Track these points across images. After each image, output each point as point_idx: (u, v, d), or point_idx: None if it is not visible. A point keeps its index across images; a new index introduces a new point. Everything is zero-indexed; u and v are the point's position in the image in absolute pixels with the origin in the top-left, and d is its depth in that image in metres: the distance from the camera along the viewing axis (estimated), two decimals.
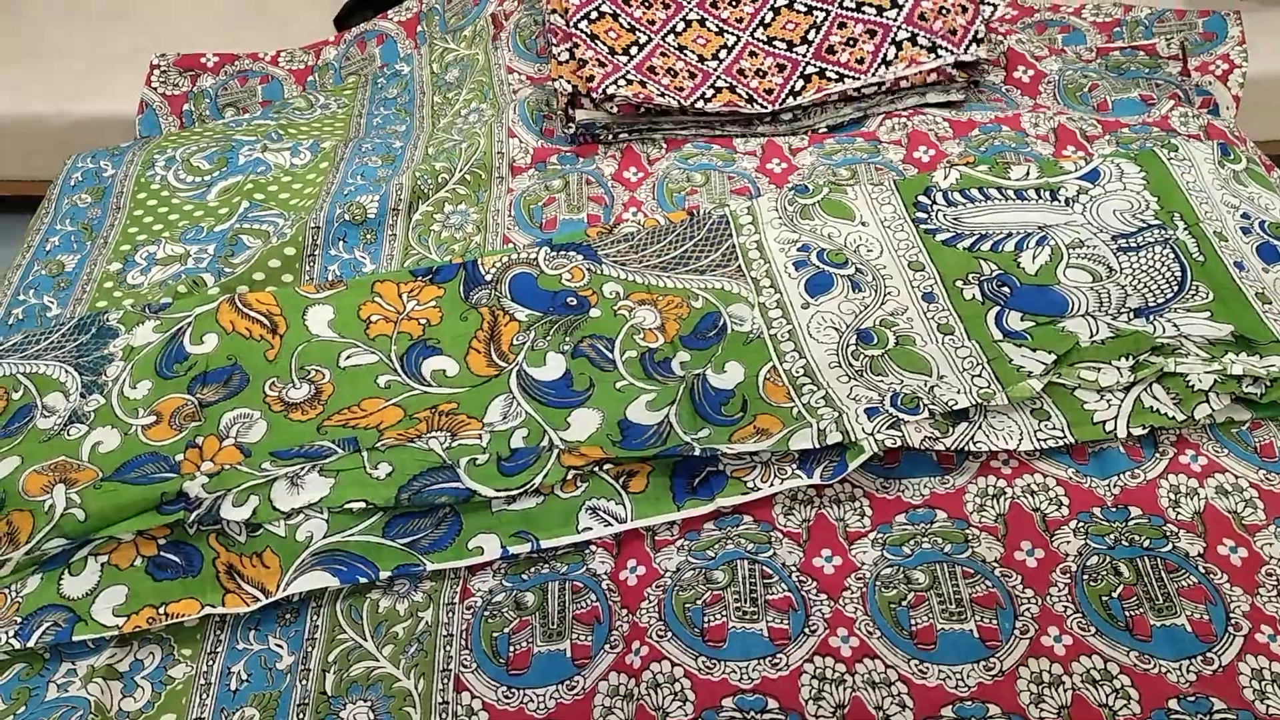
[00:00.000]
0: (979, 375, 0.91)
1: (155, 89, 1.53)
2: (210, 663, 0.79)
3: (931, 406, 0.86)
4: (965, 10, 1.24)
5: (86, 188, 1.30)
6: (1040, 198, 1.09)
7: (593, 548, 0.84)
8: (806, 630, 0.78)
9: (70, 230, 1.23)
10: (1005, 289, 0.99)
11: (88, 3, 2.09)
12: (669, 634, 0.78)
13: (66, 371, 0.97)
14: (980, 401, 0.88)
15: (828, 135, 1.26)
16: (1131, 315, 0.95)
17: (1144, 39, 1.41)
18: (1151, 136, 1.18)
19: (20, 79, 1.91)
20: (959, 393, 0.89)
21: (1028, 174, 1.12)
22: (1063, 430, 0.87)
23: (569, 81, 1.26)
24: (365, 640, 0.80)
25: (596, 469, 0.87)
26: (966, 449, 0.86)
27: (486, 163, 1.23)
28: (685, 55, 1.26)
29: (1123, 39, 1.43)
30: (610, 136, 1.26)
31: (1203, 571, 0.80)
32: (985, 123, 1.25)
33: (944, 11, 1.22)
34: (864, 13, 1.28)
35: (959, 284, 1.00)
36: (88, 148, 1.41)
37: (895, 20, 1.27)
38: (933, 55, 1.23)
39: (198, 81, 1.54)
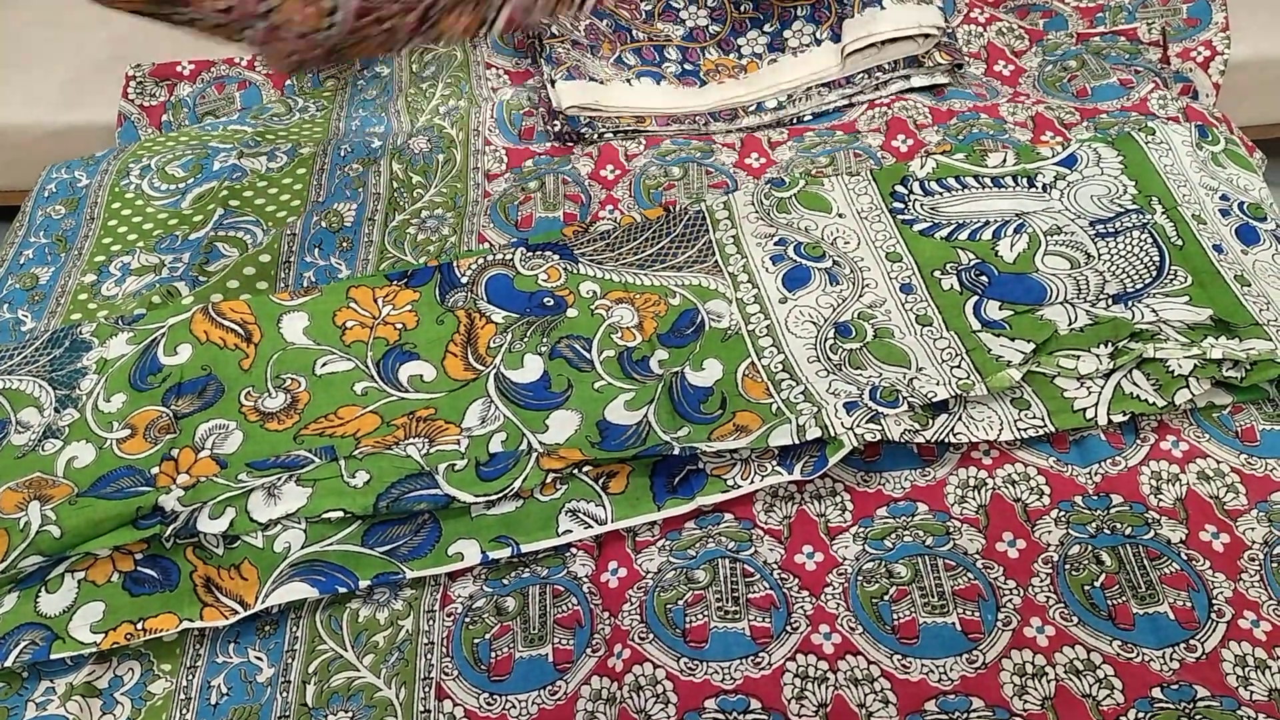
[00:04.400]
0: (958, 366, 0.91)
1: (132, 100, 1.51)
2: (190, 677, 0.79)
3: (911, 399, 0.86)
4: None
5: (61, 199, 1.29)
6: (1018, 185, 1.09)
7: (573, 550, 0.84)
8: (788, 628, 0.77)
9: (44, 242, 1.22)
10: (983, 278, 0.98)
11: (66, 12, 2.08)
12: (651, 636, 0.77)
13: (40, 386, 0.97)
14: (959, 393, 0.87)
15: (808, 128, 1.25)
16: (1110, 301, 0.95)
17: (1127, 23, 1.40)
18: (1130, 121, 1.17)
19: None
20: (938, 384, 0.88)
21: (1004, 161, 1.11)
22: (1043, 419, 0.87)
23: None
24: (345, 650, 0.79)
25: (576, 471, 0.87)
26: (947, 440, 0.86)
27: (463, 179, 1.23)
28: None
29: (1105, 23, 1.42)
30: (595, 135, 1.25)
31: (1185, 558, 0.79)
32: (964, 110, 1.24)
33: None
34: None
35: (937, 274, 1.00)
36: (68, 157, 1.40)
37: None
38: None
39: (175, 90, 1.53)
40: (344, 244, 1.15)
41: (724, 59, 1.32)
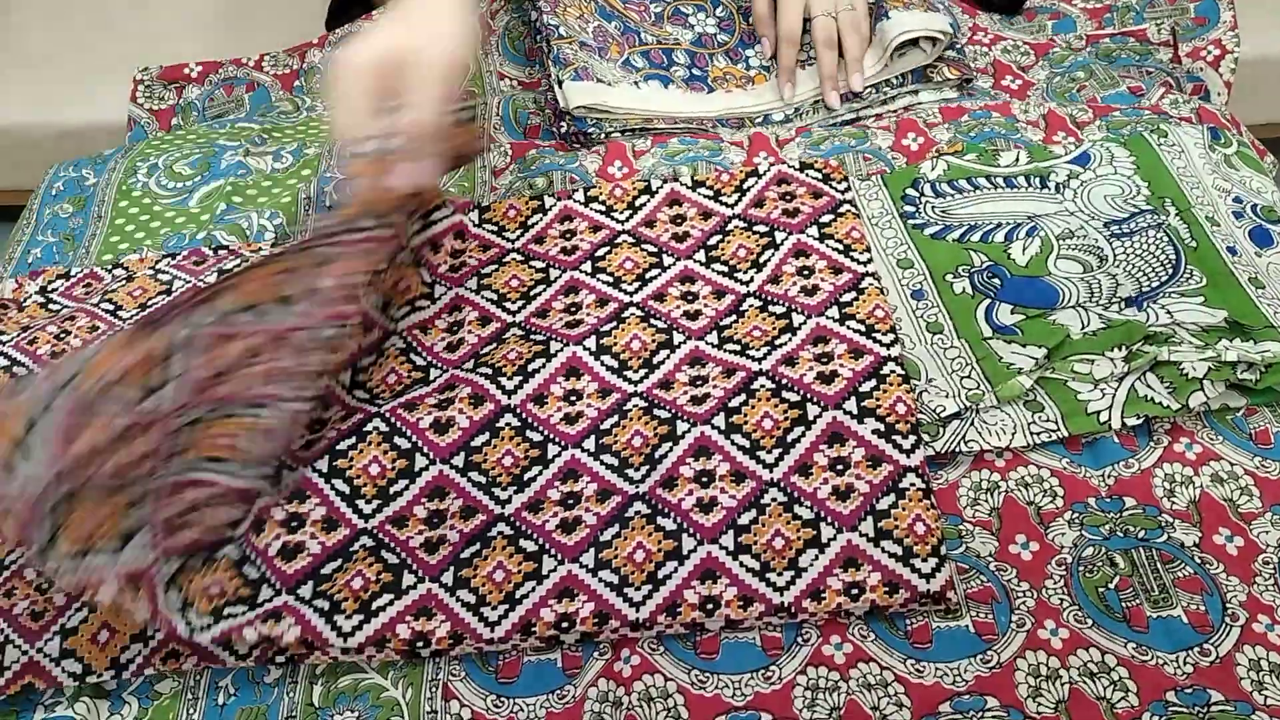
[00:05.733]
0: (967, 376, 0.90)
1: (141, 104, 1.50)
2: (197, 677, 0.78)
3: (919, 416, 0.86)
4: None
5: (68, 197, 1.29)
6: (1030, 185, 1.08)
7: None
8: (799, 639, 0.77)
9: (52, 241, 1.22)
10: (996, 280, 0.97)
11: (71, 11, 2.08)
12: (661, 648, 0.77)
13: None
14: (969, 404, 0.87)
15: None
16: (1123, 305, 0.94)
17: (1135, 24, 1.39)
18: (1142, 120, 1.17)
19: (3, 88, 1.90)
20: (947, 397, 0.88)
21: (1017, 160, 1.11)
22: (1057, 423, 0.86)
23: None
24: None
25: None
26: (958, 450, 0.85)
27: (470, 176, 1.23)
28: None
29: (1113, 24, 1.41)
30: (603, 136, 1.24)
31: (1198, 562, 0.79)
32: (975, 109, 1.23)
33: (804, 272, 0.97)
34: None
35: (949, 278, 0.99)
36: (71, 156, 1.39)
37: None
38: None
39: (183, 93, 1.52)
40: None
41: (732, 68, 1.31)
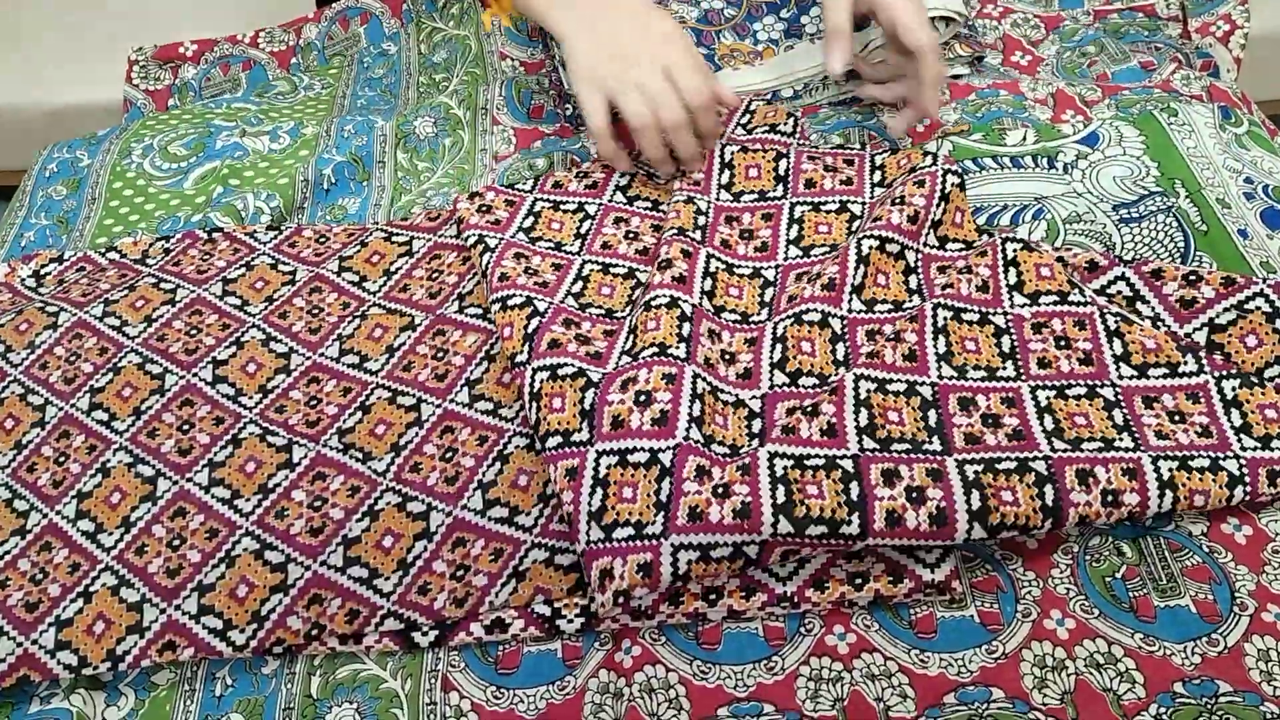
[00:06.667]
0: None
1: (137, 85, 1.49)
2: (194, 668, 0.78)
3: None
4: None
5: (62, 179, 1.27)
6: (1037, 165, 1.06)
7: None
8: (802, 630, 0.76)
9: (45, 224, 1.20)
10: None
11: None
12: (663, 638, 0.76)
13: None
14: None
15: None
16: None
17: None
18: (1152, 99, 1.15)
19: None
20: None
21: (1024, 139, 1.09)
22: None
23: None
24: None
25: None
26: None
27: (470, 160, 1.21)
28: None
29: (1120, 0, 1.39)
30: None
31: (1206, 550, 0.78)
32: (983, 88, 1.21)
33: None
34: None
35: None
36: (64, 137, 1.38)
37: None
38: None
39: (179, 73, 1.50)
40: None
41: (739, 44, 1.28)
